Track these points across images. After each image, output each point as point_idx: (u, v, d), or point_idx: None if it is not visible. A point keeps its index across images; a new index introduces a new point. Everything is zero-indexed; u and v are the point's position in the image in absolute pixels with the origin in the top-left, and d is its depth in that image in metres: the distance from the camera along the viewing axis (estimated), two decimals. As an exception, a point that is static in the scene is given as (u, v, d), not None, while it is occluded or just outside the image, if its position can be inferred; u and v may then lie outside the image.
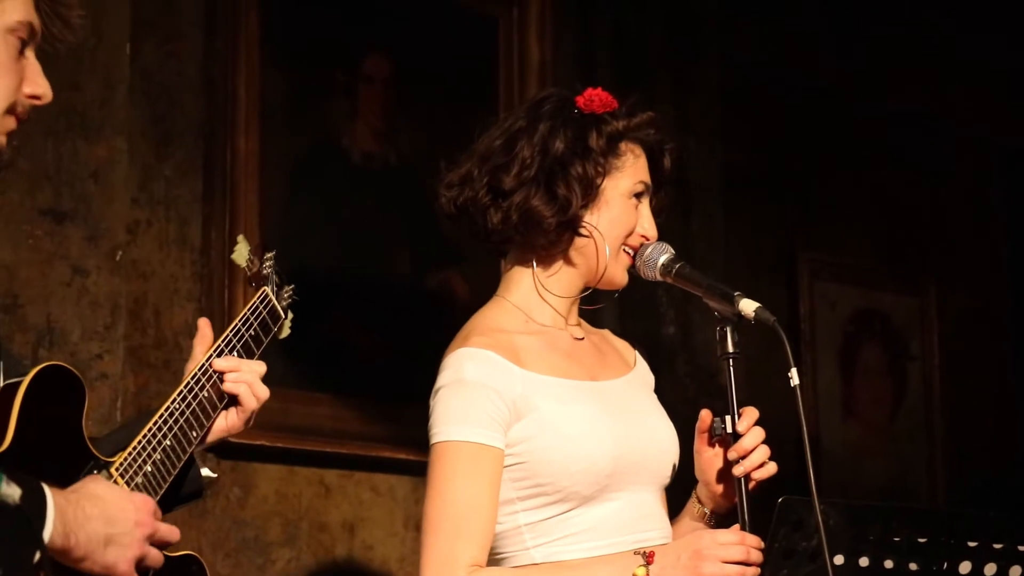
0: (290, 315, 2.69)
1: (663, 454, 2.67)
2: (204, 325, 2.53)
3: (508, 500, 2.59)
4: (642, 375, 2.80)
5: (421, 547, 2.56)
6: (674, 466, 2.69)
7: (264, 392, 2.52)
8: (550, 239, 2.66)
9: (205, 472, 2.50)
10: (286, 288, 2.69)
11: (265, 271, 2.65)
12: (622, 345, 2.84)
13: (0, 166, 2.18)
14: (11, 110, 2.15)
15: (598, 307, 2.82)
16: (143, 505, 2.11)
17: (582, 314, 2.79)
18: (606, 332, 2.85)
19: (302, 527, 3.79)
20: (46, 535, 1.94)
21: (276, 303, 2.63)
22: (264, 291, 2.62)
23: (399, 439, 3.81)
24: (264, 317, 2.60)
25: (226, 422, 2.52)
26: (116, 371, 3.47)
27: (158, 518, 2.15)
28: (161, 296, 3.60)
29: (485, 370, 2.57)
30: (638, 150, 2.71)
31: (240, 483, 3.68)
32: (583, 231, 2.66)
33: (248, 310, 2.58)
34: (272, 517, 3.74)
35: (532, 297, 2.71)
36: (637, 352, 2.84)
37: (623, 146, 2.69)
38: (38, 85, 2.17)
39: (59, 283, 3.44)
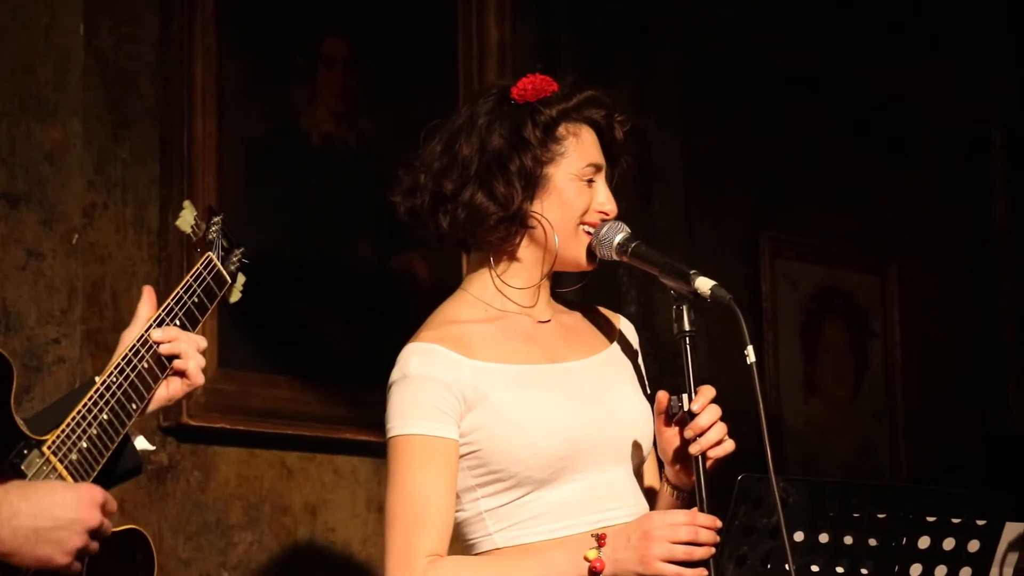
0: (241, 279, 2.66)
1: (628, 432, 2.68)
2: (148, 292, 2.50)
3: (468, 488, 2.61)
4: (619, 352, 2.79)
5: (384, 541, 2.60)
6: (640, 443, 2.69)
7: (202, 362, 2.49)
8: (499, 235, 2.67)
9: (141, 444, 2.46)
10: (235, 252, 2.65)
11: (211, 236, 2.61)
12: (603, 321, 2.83)
13: None
14: None
15: (571, 289, 2.82)
16: (87, 497, 2.08)
17: (556, 296, 2.80)
18: (586, 311, 2.83)
19: (264, 510, 3.78)
20: None
21: (221, 268, 2.60)
22: (208, 256, 2.59)
23: (360, 421, 3.80)
24: (208, 283, 2.57)
25: (168, 391, 2.49)
26: (73, 355, 3.45)
27: (110, 509, 2.11)
28: (119, 279, 3.57)
29: (430, 363, 2.59)
30: (581, 130, 2.70)
31: (200, 466, 3.67)
32: (531, 223, 2.66)
33: (191, 276, 2.55)
34: (233, 500, 3.73)
35: (492, 290, 2.71)
36: (623, 322, 2.84)
37: (562, 130, 2.68)
38: None
39: (14, 267, 3.41)
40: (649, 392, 2.76)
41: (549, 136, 2.67)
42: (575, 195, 2.68)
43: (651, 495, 2.74)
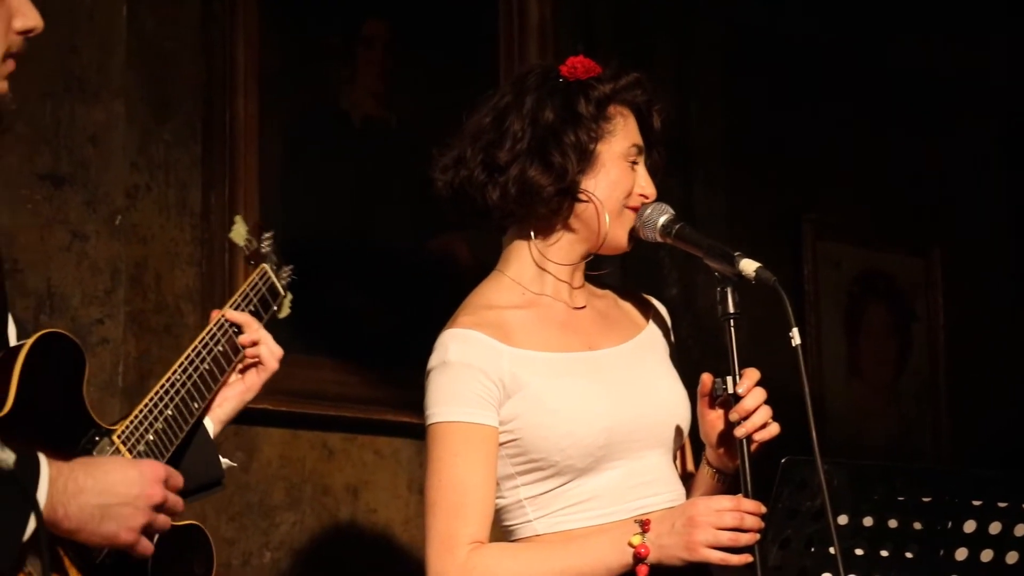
0: (289, 295, 2.67)
1: (666, 417, 2.67)
2: (214, 314, 2.52)
3: (508, 475, 2.61)
4: (654, 335, 2.78)
5: (425, 528, 2.60)
6: (679, 427, 2.68)
7: (279, 350, 2.52)
8: (551, 208, 2.65)
9: (226, 462, 2.50)
10: (285, 268, 2.67)
11: (264, 249, 2.63)
12: (636, 304, 2.83)
13: (2, 113, 2.14)
14: (7, 54, 2.10)
15: (603, 272, 2.81)
16: (150, 472, 2.08)
17: (588, 278, 2.79)
18: (618, 294, 2.82)
19: (306, 490, 3.79)
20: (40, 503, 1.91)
21: (276, 280, 2.62)
22: (263, 268, 2.60)
23: (402, 402, 3.80)
24: (264, 294, 2.58)
25: (244, 383, 2.51)
26: (117, 336, 3.46)
27: (173, 485, 2.12)
28: (162, 260, 3.59)
29: (469, 350, 2.59)
30: (626, 111, 2.71)
31: (243, 447, 3.68)
32: (582, 197, 2.65)
33: (247, 286, 2.57)
34: (276, 481, 3.75)
35: (531, 269, 2.70)
36: (655, 305, 2.83)
37: (611, 109, 2.69)
38: (28, 18, 2.11)
39: (58, 248, 3.43)
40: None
41: (601, 113, 2.67)
42: (620, 175, 2.68)
43: (686, 480, 2.73)
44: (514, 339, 2.62)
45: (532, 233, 2.70)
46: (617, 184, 2.68)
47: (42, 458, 1.94)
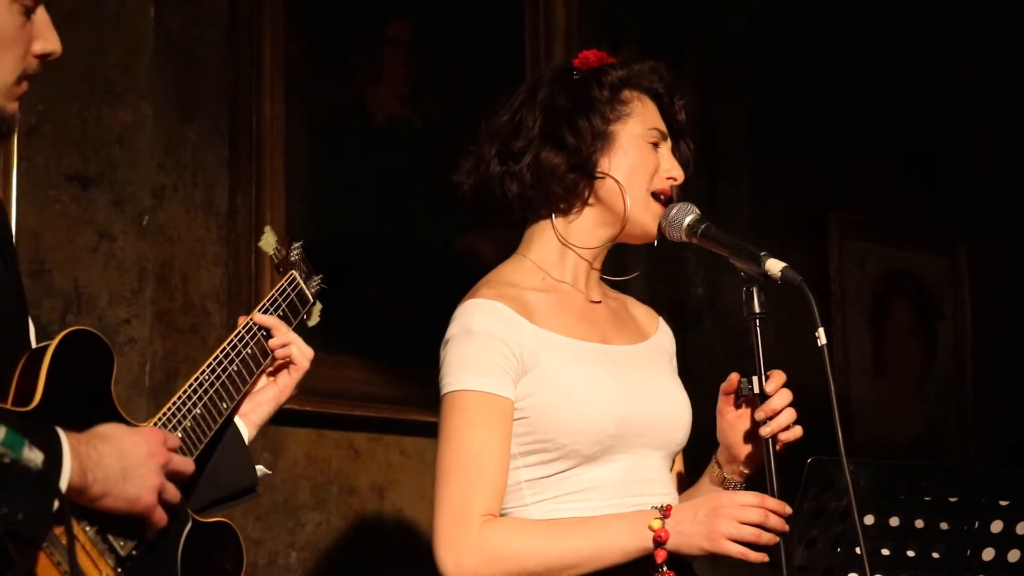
0: (319, 304, 2.68)
1: (672, 420, 2.66)
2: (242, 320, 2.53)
3: (512, 455, 2.57)
4: (660, 345, 2.78)
5: (435, 498, 2.55)
6: (683, 435, 2.68)
7: (310, 351, 2.52)
8: (566, 187, 2.65)
9: (260, 469, 2.51)
10: (315, 277, 2.68)
11: (292, 258, 2.64)
12: (644, 313, 2.83)
13: (11, 132, 2.14)
14: (22, 76, 2.12)
15: (630, 277, 2.81)
16: (151, 436, 2.10)
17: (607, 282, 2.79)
18: (628, 300, 2.83)
19: (332, 490, 3.80)
20: (63, 480, 1.92)
21: (305, 288, 2.62)
22: (292, 275, 2.61)
23: (427, 402, 3.77)
24: (292, 299, 2.58)
25: (277, 386, 2.51)
26: (144, 336, 3.48)
27: (170, 447, 2.14)
28: (188, 260, 3.60)
29: (493, 320, 2.57)
30: (644, 97, 2.71)
31: (269, 447, 3.69)
32: (599, 174, 2.65)
33: (276, 291, 2.57)
34: (302, 480, 3.76)
35: (554, 250, 2.70)
36: (661, 321, 2.83)
37: (627, 94, 2.69)
38: (47, 41, 2.12)
39: (86, 248, 3.44)
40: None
41: (615, 96, 2.67)
42: (640, 156, 2.68)
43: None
44: (535, 318, 2.61)
45: (554, 215, 2.69)
46: (639, 166, 2.67)
47: (62, 434, 1.95)
